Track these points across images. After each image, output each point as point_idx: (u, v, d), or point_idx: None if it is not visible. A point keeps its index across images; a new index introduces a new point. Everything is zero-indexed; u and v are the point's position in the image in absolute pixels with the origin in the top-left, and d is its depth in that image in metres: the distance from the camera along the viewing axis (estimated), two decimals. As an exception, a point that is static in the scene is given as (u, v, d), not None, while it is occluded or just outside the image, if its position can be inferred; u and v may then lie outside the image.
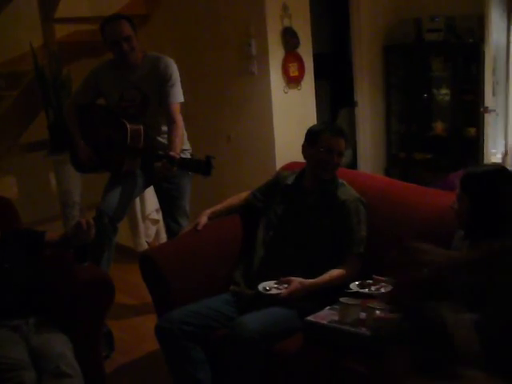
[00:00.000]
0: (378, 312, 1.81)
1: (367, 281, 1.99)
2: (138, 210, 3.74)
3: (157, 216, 3.77)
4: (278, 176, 2.50)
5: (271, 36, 3.32)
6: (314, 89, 3.64)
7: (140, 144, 2.75)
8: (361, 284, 1.98)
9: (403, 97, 4.25)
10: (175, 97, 2.78)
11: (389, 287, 1.88)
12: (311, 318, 1.91)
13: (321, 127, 2.34)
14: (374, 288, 1.95)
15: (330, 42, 5.40)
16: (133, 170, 2.85)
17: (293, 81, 3.46)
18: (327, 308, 1.96)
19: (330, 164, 2.25)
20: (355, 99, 4.15)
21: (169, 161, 2.42)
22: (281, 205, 2.36)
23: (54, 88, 3.39)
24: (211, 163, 2.30)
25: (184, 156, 2.69)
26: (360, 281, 2.00)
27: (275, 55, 3.36)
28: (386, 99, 4.24)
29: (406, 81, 4.20)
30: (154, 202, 3.51)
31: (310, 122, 2.98)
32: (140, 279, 2.41)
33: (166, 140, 2.80)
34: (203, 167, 2.32)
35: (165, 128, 2.83)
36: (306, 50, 3.52)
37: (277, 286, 2.06)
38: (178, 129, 2.73)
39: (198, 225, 2.41)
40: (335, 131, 2.28)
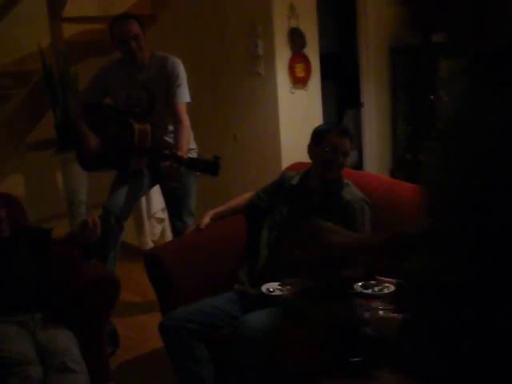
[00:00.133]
0: (381, 312, 1.82)
1: (371, 282, 2.00)
2: (144, 209, 3.76)
3: (162, 215, 3.79)
4: (283, 176, 2.51)
5: (278, 36, 3.33)
6: (321, 89, 3.64)
7: (147, 143, 2.76)
8: (364, 285, 1.99)
9: (409, 98, 4.24)
10: (182, 97, 2.79)
11: (392, 288, 1.89)
12: None
13: (326, 127, 2.35)
14: (377, 289, 1.96)
15: (337, 43, 5.39)
16: (140, 170, 2.86)
17: (299, 81, 3.46)
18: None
19: (335, 164, 2.26)
20: (361, 100, 4.15)
21: (176, 161, 2.43)
22: (285, 205, 2.36)
23: (62, 87, 3.40)
24: (219, 163, 2.31)
25: (191, 156, 2.70)
26: (363, 282, 2.01)
27: (282, 56, 3.36)
28: (393, 100, 4.24)
29: (413, 82, 4.19)
30: (160, 201, 3.53)
31: (316, 123, 2.98)
32: (145, 277, 2.43)
33: (173, 140, 2.82)
34: (211, 167, 2.33)
35: (171, 128, 2.84)
36: (313, 51, 3.52)
37: (280, 288, 2.07)
38: (185, 129, 2.74)
39: (200, 225, 2.43)
40: (341, 131, 2.29)
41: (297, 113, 3.48)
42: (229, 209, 2.54)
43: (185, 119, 2.76)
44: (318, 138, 2.29)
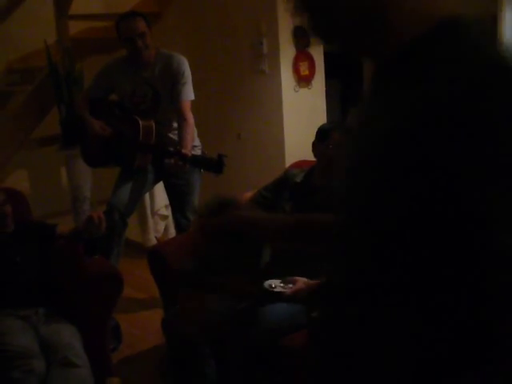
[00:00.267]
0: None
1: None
2: (148, 206, 3.77)
3: (166, 212, 3.80)
4: (287, 174, 2.51)
5: (282, 35, 3.33)
6: (325, 88, 3.64)
7: (152, 140, 2.78)
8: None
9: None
10: (187, 95, 2.80)
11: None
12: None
13: (331, 125, 2.36)
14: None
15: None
16: (144, 166, 2.87)
17: (303, 79, 3.47)
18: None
19: (339, 162, 2.27)
20: (366, 99, 4.14)
21: (181, 158, 2.44)
22: (289, 202, 2.37)
23: (67, 84, 3.42)
24: (223, 161, 2.32)
25: (194, 153, 2.71)
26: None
27: (286, 54, 3.37)
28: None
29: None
30: (164, 198, 3.54)
31: (320, 121, 2.99)
32: (148, 274, 2.44)
33: (177, 137, 2.83)
34: (215, 165, 2.34)
35: (176, 125, 2.85)
36: (317, 49, 3.52)
37: (282, 285, 2.08)
38: (189, 126, 2.76)
39: None
40: (345, 129, 2.30)
41: (301, 111, 3.48)
42: None
43: (189, 117, 2.78)
44: (323, 136, 2.30)
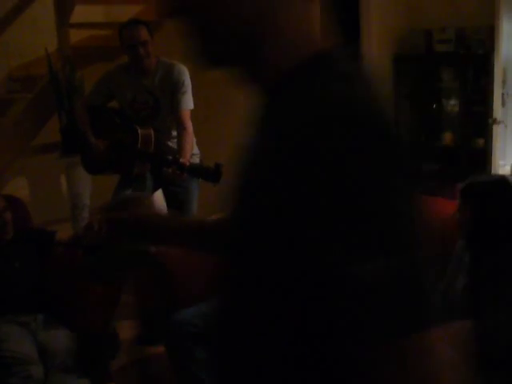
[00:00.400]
0: None
1: None
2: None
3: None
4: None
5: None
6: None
7: (150, 149, 2.80)
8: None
9: (412, 107, 4.26)
10: (186, 104, 2.83)
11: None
12: None
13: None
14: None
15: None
16: (143, 173, 2.89)
17: (302, 89, 3.48)
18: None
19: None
20: (364, 108, 4.16)
21: (179, 167, 2.46)
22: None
23: (67, 92, 3.44)
24: (220, 171, 2.33)
25: (193, 160, 2.73)
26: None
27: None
28: (395, 109, 4.26)
29: (416, 91, 4.21)
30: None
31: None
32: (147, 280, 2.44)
33: (176, 145, 2.84)
34: (212, 175, 2.35)
35: (175, 133, 2.87)
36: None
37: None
38: (188, 135, 2.78)
39: None
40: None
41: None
42: None
43: (189, 126, 2.80)
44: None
